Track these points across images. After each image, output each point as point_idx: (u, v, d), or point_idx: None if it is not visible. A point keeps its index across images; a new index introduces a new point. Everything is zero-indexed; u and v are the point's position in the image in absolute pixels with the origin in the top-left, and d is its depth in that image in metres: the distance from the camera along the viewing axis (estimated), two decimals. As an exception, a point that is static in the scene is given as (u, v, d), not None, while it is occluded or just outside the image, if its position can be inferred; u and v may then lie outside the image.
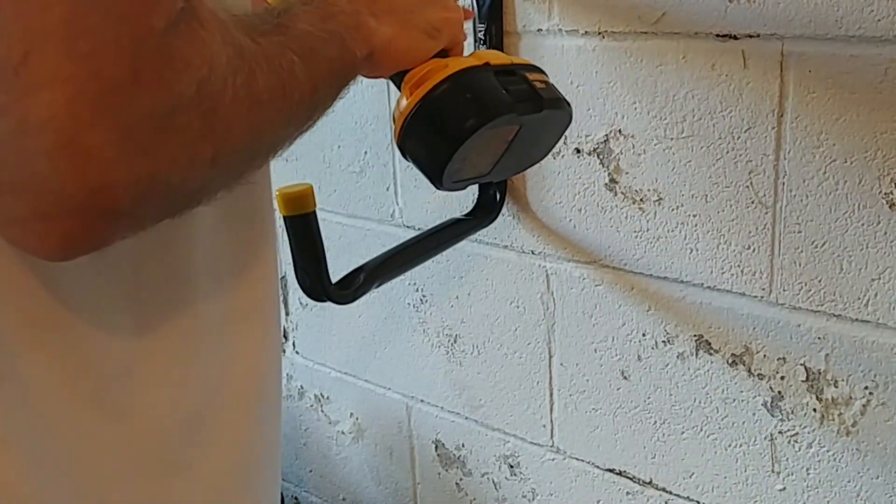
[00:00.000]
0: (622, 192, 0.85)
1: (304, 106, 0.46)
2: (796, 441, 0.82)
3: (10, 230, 0.36)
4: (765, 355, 0.81)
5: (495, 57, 0.65)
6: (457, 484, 1.14)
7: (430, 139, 0.61)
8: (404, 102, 0.61)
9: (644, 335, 0.89)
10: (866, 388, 0.76)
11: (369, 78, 0.60)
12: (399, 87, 0.63)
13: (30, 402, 0.44)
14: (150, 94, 0.34)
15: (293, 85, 0.44)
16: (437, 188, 0.64)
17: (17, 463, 0.44)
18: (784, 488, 0.84)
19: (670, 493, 0.92)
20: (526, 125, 0.64)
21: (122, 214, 0.35)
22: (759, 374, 0.82)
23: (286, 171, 1.15)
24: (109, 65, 0.33)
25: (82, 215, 0.34)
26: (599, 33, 0.82)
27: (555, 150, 0.88)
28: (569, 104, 0.67)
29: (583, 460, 0.99)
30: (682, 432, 0.89)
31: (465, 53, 0.64)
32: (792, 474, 0.83)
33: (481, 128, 0.60)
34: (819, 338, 0.77)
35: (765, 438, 0.84)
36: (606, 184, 0.86)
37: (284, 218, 0.66)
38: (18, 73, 0.32)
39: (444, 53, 0.63)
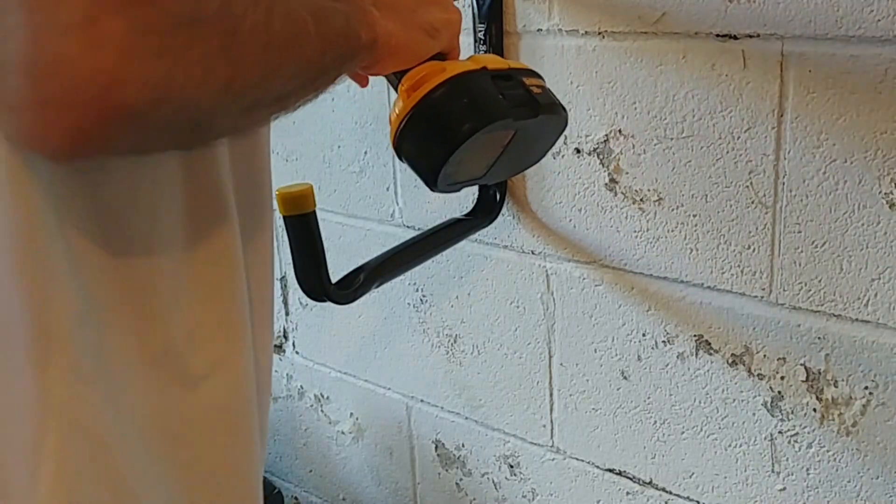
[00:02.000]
0: (622, 192, 0.85)
1: (313, 65, 0.46)
2: (796, 441, 0.82)
3: (12, 117, 0.35)
4: (765, 355, 0.81)
5: (493, 61, 0.65)
6: (457, 484, 1.14)
7: (425, 142, 0.61)
8: (401, 104, 0.61)
9: (644, 335, 0.89)
10: (866, 388, 0.76)
11: (367, 74, 0.60)
12: (395, 88, 0.63)
13: (114, 394, 0.45)
14: None
15: (305, 39, 0.44)
16: (432, 190, 0.64)
17: (119, 461, 0.45)
18: (784, 488, 0.84)
19: (670, 493, 0.92)
20: (522, 130, 0.65)
21: (132, 115, 0.34)
22: (759, 374, 0.82)
23: (286, 171, 1.15)
24: None
25: (92, 107, 0.33)
26: (599, 33, 0.82)
27: (554, 149, 0.88)
28: (565, 109, 0.67)
29: (583, 460, 0.99)
30: (682, 432, 0.89)
31: (464, 55, 0.64)
32: (792, 474, 0.83)
33: (477, 132, 0.60)
34: (819, 338, 0.77)
35: (765, 438, 0.84)
36: (606, 184, 0.86)
37: (284, 218, 0.66)
38: None
39: (441, 56, 0.63)
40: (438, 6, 0.63)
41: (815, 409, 0.80)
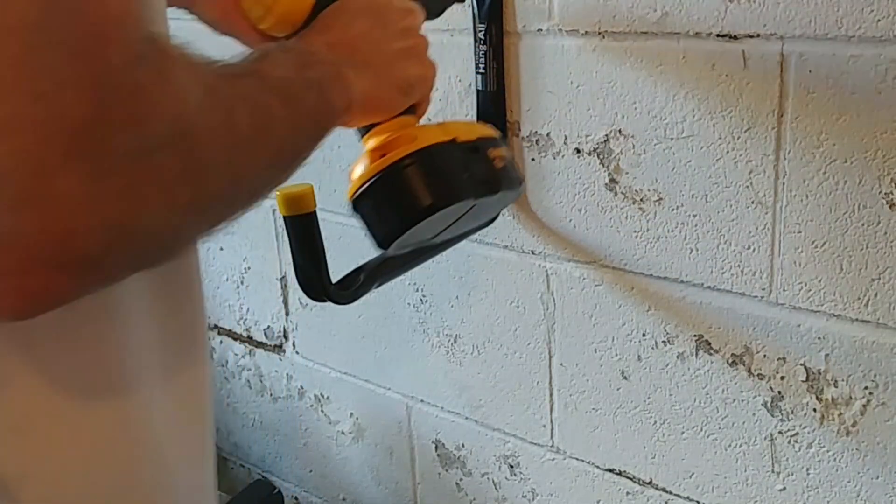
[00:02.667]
0: (622, 192, 0.85)
1: (285, 149, 0.45)
2: (796, 441, 0.82)
3: None
4: (765, 355, 0.81)
5: (463, 131, 0.64)
6: (457, 484, 1.14)
7: (385, 210, 0.62)
8: (365, 165, 0.61)
9: (644, 335, 0.89)
10: (866, 388, 0.76)
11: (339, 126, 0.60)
12: (359, 137, 0.62)
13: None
14: (119, 132, 0.32)
15: (272, 126, 0.42)
16: (381, 250, 0.64)
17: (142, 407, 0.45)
18: (784, 488, 0.84)
19: (670, 493, 0.92)
20: (479, 203, 0.65)
21: (91, 265, 0.33)
22: (759, 374, 0.82)
23: (286, 171, 1.15)
24: (73, 104, 0.31)
25: (48, 268, 0.32)
26: (599, 33, 0.82)
27: (555, 149, 0.88)
28: (522, 181, 0.68)
29: (583, 460, 0.99)
30: (682, 432, 0.89)
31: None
32: (792, 474, 0.83)
33: (439, 211, 0.60)
34: (819, 338, 0.77)
35: (765, 438, 0.84)
36: (606, 184, 0.86)
37: (284, 218, 0.66)
38: None
39: (412, 107, 0.63)
40: (415, 60, 0.62)
41: (815, 409, 0.80)
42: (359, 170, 0.62)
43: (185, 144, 0.35)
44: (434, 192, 0.60)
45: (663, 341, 0.87)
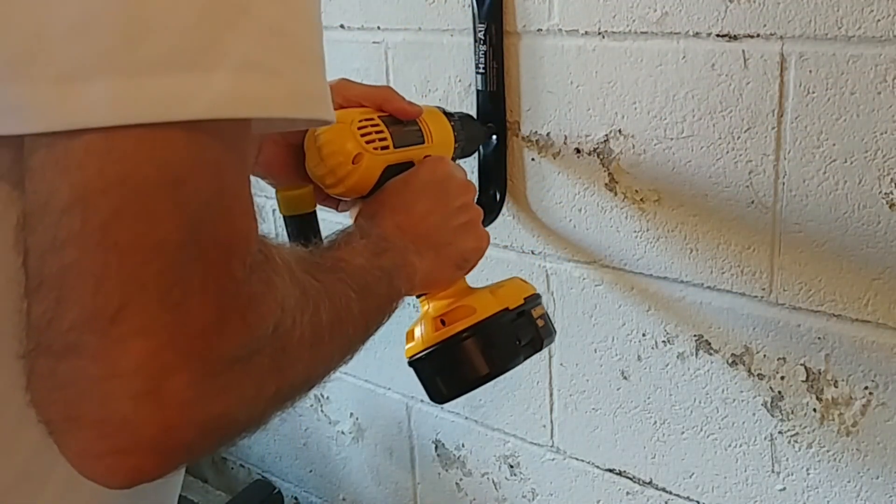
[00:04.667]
0: (622, 192, 0.85)
1: (357, 339, 0.50)
2: (796, 441, 0.82)
3: (83, 462, 0.36)
4: (765, 355, 0.81)
5: (511, 295, 0.70)
6: (457, 484, 1.14)
7: (444, 377, 0.68)
8: (427, 331, 0.68)
9: (644, 335, 0.89)
10: (866, 388, 0.76)
11: None
12: (416, 297, 0.68)
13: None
14: (233, 338, 0.35)
15: (349, 320, 0.47)
16: (434, 402, 0.70)
17: None
18: (784, 488, 0.84)
19: (670, 493, 0.92)
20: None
21: (186, 452, 0.36)
22: (759, 374, 0.82)
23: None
24: (197, 312, 0.34)
25: (155, 452, 0.35)
26: (599, 33, 0.82)
27: (555, 149, 0.88)
28: (555, 332, 0.74)
29: (583, 460, 0.99)
30: (682, 432, 0.89)
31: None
32: (792, 474, 0.83)
33: (493, 379, 0.66)
34: (819, 338, 0.77)
35: (765, 438, 0.83)
36: (606, 184, 0.86)
37: (284, 218, 0.66)
38: (114, 321, 0.33)
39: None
40: (471, 234, 0.68)
41: (815, 409, 0.80)
42: (418, 332, 0.69)
43: (279, 345, 0.38)
44: (490, 363, 0.66)
45: (663, 341, 0.87)
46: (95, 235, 0.33)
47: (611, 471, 0.97)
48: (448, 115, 0.78)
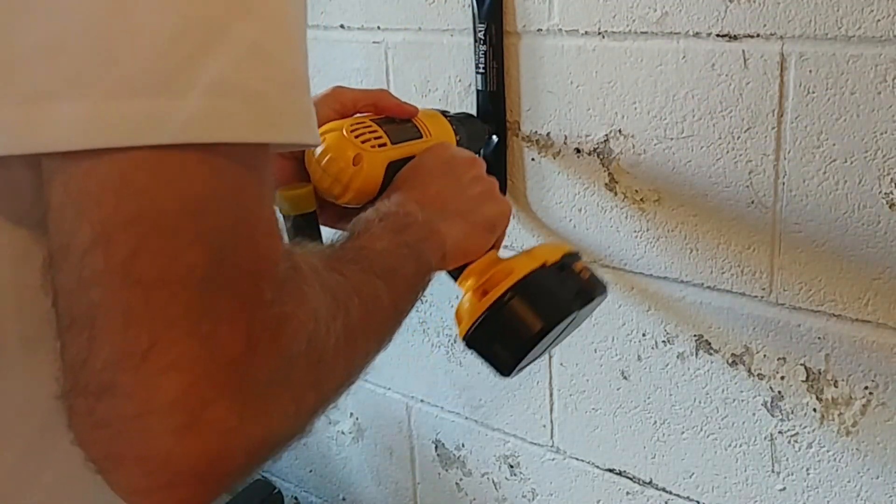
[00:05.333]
0: (622, 192, 0.85)
1: (390, 327, 0.49)
2: (796, 441, 0.82)
3: (133, 499, 0.36)
4: (765, 355, 0.81)
5: (548, 253, 0.69)
6: (457, 484, 1.14)
7: (500, 344, 0.66)
8: (472, 305, 0.66)
9: (644, 335, 0.89)
10: (866, 388, 0.76)
11: None
12: (454, 278, 0.68)
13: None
14: (267, 361, 0.35)
15: (379, 310, 0.47)
16: (504, 377, 0.68)
17: None
18: (784, 488, 0.84)
19: (670, 493, 0.92)
20: (579, 314, 0.70)
21: (231, 479, 0.36)
22: (759, 374, 0.82)
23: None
24: (228, 341, 0.34)
25: (201, 482, 0.35)
26: (599, 33, 0.82)
27: (555, 149, 0.88)
28: (606, 286, 0.72)
29: (583, 460, 0.99)
30: (682, 432, 0.89)
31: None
32: (792, 474, 0.83)
33: (549, 332, 0.65)
34: (819, 338, 0.77)
35: (765, 438, 0.83)
36: (606, 184, 0.86)
37: (284, 217, 0.66)
38: (146, 358, 0.33)
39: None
40: (493, 201, 0.67)
41: (815, 409, 0.80)
42: (465, 310, 0.67)
43: (314, 357, 0.38)
44: (541, 316, 0.65)
45: (663, 341, 0.87)
46: (118, 273, 0.33)
47: (611, 471, 0.97)
48: (447, 114, 0.78)
